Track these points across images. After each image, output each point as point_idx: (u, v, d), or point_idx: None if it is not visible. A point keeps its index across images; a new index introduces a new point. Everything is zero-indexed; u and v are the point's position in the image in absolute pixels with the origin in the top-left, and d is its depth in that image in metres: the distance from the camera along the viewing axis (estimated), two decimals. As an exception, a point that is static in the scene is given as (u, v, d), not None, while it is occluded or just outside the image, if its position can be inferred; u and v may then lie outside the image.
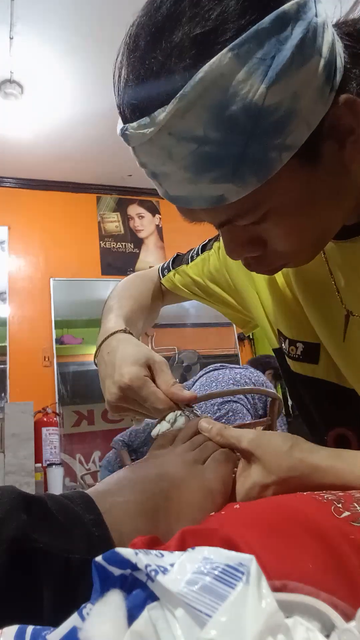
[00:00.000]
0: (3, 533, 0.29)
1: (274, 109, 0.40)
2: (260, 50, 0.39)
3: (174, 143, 0.42)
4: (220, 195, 0.44)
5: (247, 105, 0.40)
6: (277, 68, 0.39)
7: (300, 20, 0.40)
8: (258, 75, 0.39)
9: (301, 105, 0.41)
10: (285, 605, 0.20)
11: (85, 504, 0.37)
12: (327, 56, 0.42)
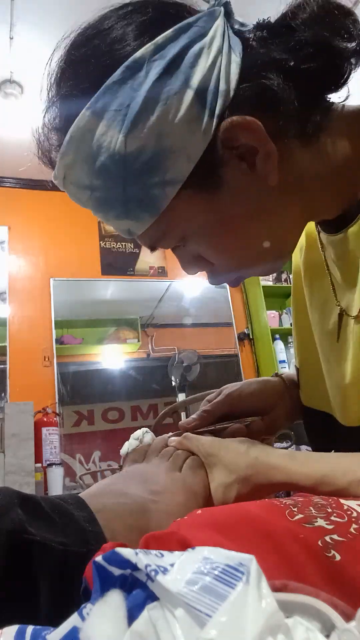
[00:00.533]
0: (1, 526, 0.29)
1: (138, 153, 0.43)
2: (116, 102, 0.42)
3: (75, 190, 0.49)
4: (127, 229, 0.49)
5: (112, 154, 0.43)
6: (131, 116, 0.41)
7: (158, 59, 0.41)
8: (116, 126, 0.42)
9: (172, 142, 0.42)
10: (285, 605, 0.20)
11: (77, 503, 0.38)
12: (199, 86, 0.42)
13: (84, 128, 0.44)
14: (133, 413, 3.54)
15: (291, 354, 3.61)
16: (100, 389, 3.60)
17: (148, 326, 3.79)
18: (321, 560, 0.28)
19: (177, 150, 0.43)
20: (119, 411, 3.50)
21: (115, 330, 3.71)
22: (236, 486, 0.48)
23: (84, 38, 0.48)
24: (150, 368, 3.73)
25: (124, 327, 3.72)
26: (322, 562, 0.28)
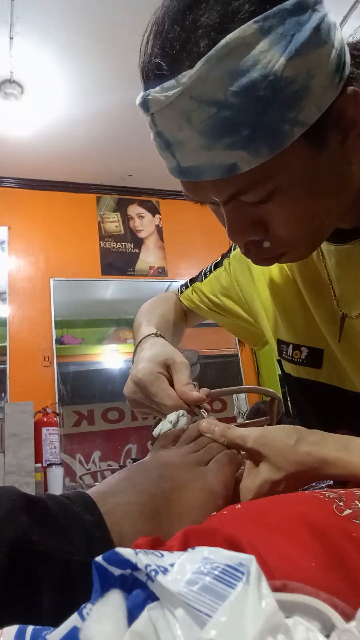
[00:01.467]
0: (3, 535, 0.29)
1: (290, 81, 0.43)
2: (282, 27, 0.42)
3: (194, 107, 0.44)
4: (232, 163, 0.46)
5: (267, 73, 0.42)
6: (296, 44, 0.43)
7: (317, 11, 0.44)
8: (279, 48, 0.42)
9: (314, 84, 0.44)
10: (285, 605, 0.20)
11: (86, 504, 0.37)
12: (338, 48, 0.45)
13: (244, 40, 0.42)
14: (133, 413, 3.53)
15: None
16: (100, 389, 3.60)
17: (148, 326, 3.79)
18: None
19: (314, 95, 0.45)
20: (119, 411, 3.50)
21: (115, 330, 3.71)
22: (284, 483, 0.45)
23: None
24: (150, 368, 3.73)
25: (124, 327, 3.72)
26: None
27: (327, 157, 0.49)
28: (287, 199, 0.50)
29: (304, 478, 0.46)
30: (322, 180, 0.50)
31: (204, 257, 3.90)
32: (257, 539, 0.28)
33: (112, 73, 2.79)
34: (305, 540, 0.28)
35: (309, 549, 0.27)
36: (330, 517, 0.31)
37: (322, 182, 0.50)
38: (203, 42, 0.43)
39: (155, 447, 0.53)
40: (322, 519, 0.31)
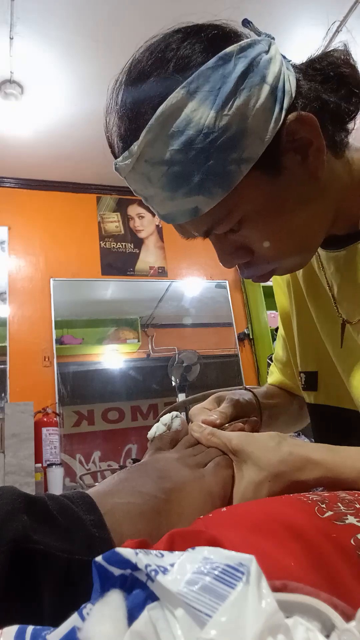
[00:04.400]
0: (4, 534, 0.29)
1: (225, 128, 0.49)
2: (207, 85, 0.49)
3: (149, 168, 0.51)
4: (194, 207, 0.52)
5: (201, 128, 0.49)
6: (222, 96, 0.48)
7: (242, 57, 0.50)
8: (207, 104, 0.48)
9: (250, 124, 0.49)
10: (285, 605, 0.20)
11: (86, 504, 0.37)
12: (272, 83, 0.50)
13: (176, 105, 0.49)
14: (133, 413, 3.54)
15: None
16: (100, 389, 3.60)
17: (148, 326, 3.79)
18: (353, 559, 0.28)
19: (254, 133, 0.50)
20: (119, 411, 3.50)
21: (115, 330, 3.71)
22: (267, 484, 0.46)
23: (167, 44, 0.54)
24: (150, 368, 3.73)
25: (124, 327, 3.72)
26: (354, 561, 0.28)
27: (287, 179, 0.54)
28: (257, 224, 0.55)
29: (287, 480, 0.46)
30: (288, 199, 0.54)
31: (204, 257, 3.90)
32: (238, 539, 0.28)
33: (112, 73, 2.78)
34: (286, 540, 0.29)
35: (289, 549, 0.28)
36: (312, 519, 0.31)
37: (288, 201, 0.55)
38: (145, 115, 0.50)
39: (150, 449, 0.53)
40: (303, 520, 0.31)
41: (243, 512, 0.35)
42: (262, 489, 0.46)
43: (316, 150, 0.53)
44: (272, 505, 0.35)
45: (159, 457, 0.50)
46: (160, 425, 0.57)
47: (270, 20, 2.54)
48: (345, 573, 0.27)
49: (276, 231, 0.56)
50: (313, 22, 2.60)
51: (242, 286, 3.99)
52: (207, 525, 0.33)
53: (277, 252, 0.58)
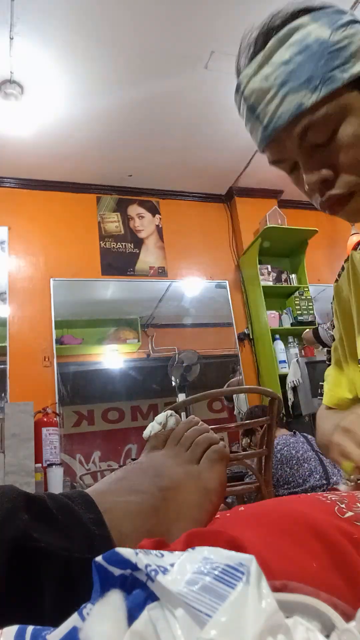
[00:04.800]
0: (4, 533, 0.29)
1: (336, 43, 0.62)
2: (326, 18, 0.64)
3: (271, 69, 0.64)
4: (299, 102, 0.62)
5: (318, 38, 0.62)
6: (337, 24, 0.63)
7: (348, 15, 0.64)
8: (326, 26, 0.63)
9: (355, 48, 0.62)
10: (285, 605, 0.20)
11: (85, 503, 0.37)
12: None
13: (302, 24, 0.63)
14: (133, 413, 3.54)
15: (291, 353, 3.61)
16: (100, 389, 3.60)
17: (148, 326, 3.79)
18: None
19: (357, 56, 0.62)
20: (119, 411, 3.50)
21: (115, 330, 3.71)
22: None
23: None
24: (150, 368, 3.73)
25: (124, 327, 3.73)
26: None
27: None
28: (348, 138, 0.62)
29: None
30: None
31: (204, 257, 3.90)
32: (259, 539, 0.28)
33: (112, 73, 2.79)
34: (307, 541, 0.29)
35: (311, 549, 0.28)
36: (332, 519, 0.31)
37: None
38: (274, 30, 0.65)
39: (146, 448, 0.54)
40: (323, 520, 0.31)
41: (262, 511, 0.34)
42: None
43: None
44: (292, 506, 0.34)
45: (155, 456, 0.50)
46: (155, 424, 0.57)
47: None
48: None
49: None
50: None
51: (242, 286, 3.99)
52: (226, 525, 0.32)
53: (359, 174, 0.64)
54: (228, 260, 4.00)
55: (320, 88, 0.61)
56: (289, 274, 3.93)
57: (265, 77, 0.64)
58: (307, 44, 0.62)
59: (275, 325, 3.70)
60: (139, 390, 3.66)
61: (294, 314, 3.77)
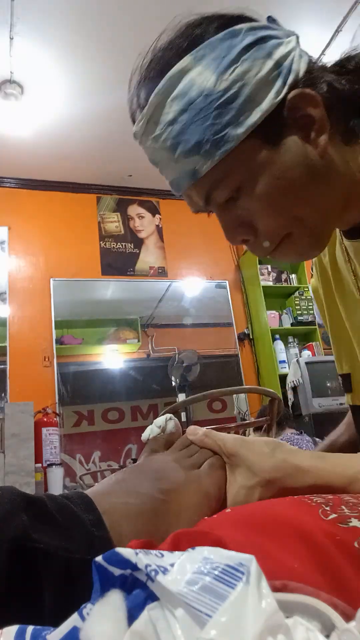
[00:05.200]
0: (4, 533, 0.29)
1: (223, 92, 0.53)
2: (214, 53, 0.53)
3: (157, 130, 0.56)
4: (193, 169, 0.55)
5: (202, 90, 0.53)
6: (225, 63, 0.53)
7: (251, 34, 0.54)
8: (211, 69, 0.53)
9: (249, 92, 0.53)
10: (285, 605, 0.20)
11: (85, 504, 0.37)
12: (278, 60, 0.54)
13: (183, 70, 0.54)
14: (133, 413, 3.54)
15: (291, 353, 3.61)
16: (100, 389, 3.60)
17: (148, 326, 3.79)
18: (358, 561, 0.28)
19: (253, 101, 0.53)
20: (119, 411, 3.50)
21: (115, 330, 3.71)
22: (259, 489, 0.46)
23: (187, 22, 0.58)
24: (150, 368, 3.73)
25: (124, 327, 3.73)
26: (359, 563, 0.28)
27: (288, 153, 0.55)
28: (256, 192, 0.56)
29: (278, 486, 0.46)
30: (287, 174, 0.55)
31: (204, 257, 3.90)
32: (243, 540, 0.28)
33: (112, 73, 2.78)
34: (290, 542, 0.29)
35: (294, 551, 0.28)
36: (316, 521, 0.32)
37: (288, 175, 0.56)
38: (156, 80, 0.55)
39: (145, 451, 0.54)
40: (307, 522, 0.31)
41: (248, 513, 0.35)
42: (253, 493, 0.46)
43: (319, 129, 0.55)
44: (277, 508, 0.35)
45: (155, 459, 0.50)
46: (154, 427, 0.57)
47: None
48: (350, 575, 0.27)
49: (273, 203, 0.56)
50: (313, 23, 2.60)
51: (242, 286, 3.99)
52: (212, 526, 0.33)
53: (275, 227, 0.58)
54: (228, 260, 4.00)
55: (212, 153, 0.53)
56: (288, 273, 3.93)
57: (155, 138, 0.57)
58: (190, 98, 0.53)
59: (275, 325, 3.70)
60: (139, 390, 3.66)
61: (294, 314, 3.77)
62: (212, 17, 0.57)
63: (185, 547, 0.23)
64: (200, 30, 0.55)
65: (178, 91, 0.54)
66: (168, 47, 0.57)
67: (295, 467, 0.46)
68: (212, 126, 0.53)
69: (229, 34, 0.54)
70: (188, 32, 0.56)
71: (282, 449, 0.48)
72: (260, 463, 0.47)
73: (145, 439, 0.56)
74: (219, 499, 0.46)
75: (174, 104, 0.54)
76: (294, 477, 0.46)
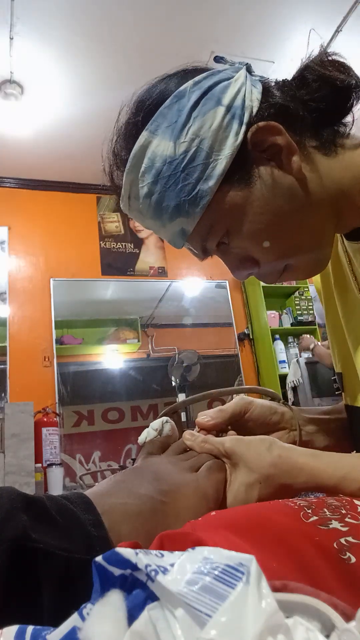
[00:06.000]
0: (3, 533, 0.29)
1: (184, 154, 0.55)
2: (166, 121, 0.55)
3: (138, 204, 0.59)
4: (180, 229, 0.58)
5: (165, 159, 0.55)
6: (178, 127, 0.55)
7: (197, 89, 0.56)
8: (167, 137, 0.55)
9: (208, 145, 0.54)
10: (285, 605, 0.20)
11: (84, 504, 0.37)
12: (228, 103, 0.55)
13: (143, 145, 0.56)
14: (133, 413, 3.54)
15: (291, 353, 3.61)
16: (100, 389, 3.60)
17: (148, 326, 3.79)
18: (336, 563, 0.28)
19: (215, 151, 0.54)
20: (119, 411, 3.50)
21: (115, 330, 3.71)
22: (258, 486, 0.47)
23: (138, 98, 0.60)
24: (150, 368, 3.73)
25: (124, 327, 3.73)
26: (337, 564, 0.28)
27: (266, 186, 0.56)
28: (244, 233, 0.58)
29: (277, 482, 0.47)
30: (272, 205, 0.57)
31: (204, 257, 3.90)
32: (222, 541, 0.29)
33: (112, 73, 2.79)
34: (269, 543, 0.30)
35: (272, 551, 0.29)
36: (296, 523, 0.32)
37: (273, 206, 0.57)
38: (124, 160, 0.58)
39: (142, 454, 0.54)
40: (287, 524, 0.32)
41: (231, 516, 0.36)
42: (253, 490, 0.47)
43: (288, 153, 0.56)
44: (259, 511, 0.36)
45: (153, 461, 0.51)
46: (150, 430, 0.57)
47: (270, 21, 2.54)
48: (327, 575, 0.27)
49: (267, 237, 0.58)
50: (313, 23, 2.60)
51: (242, 286, 3.99)
52: (195, 528, 0.33)
53: (277, 256, 0.59)
54: (228, 260, 4.00)
55: (191, 211, 0.56)
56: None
57: (139, 211, 0.60)
58: (157, 169, 0.56)
59: (275, 325, 3.70)
60: (139, 390, 3.66)
61: (294, 314, 3.78)
62: (158, 85, 0.59)
63: (169, 548, 0.23)
64: (150, 101, 0.57)
65: (145, 166, 0.56)
66: (127, 126, 0.59)
67: (291, 463, 0.48)
68: (184, 187, 0.55)
69: (176, 97, 0.56)
70: (140, 106, 0.58)
71: (277, 445, 0.50)
72: (257, 460, 0.48)
73: (142, 441, 0.57)
74: (217, 500, 0.47)
75: (145, 178, 0.57)
76: (290, 473, 0.47)
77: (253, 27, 2.58)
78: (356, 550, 0.29)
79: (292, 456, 0.48)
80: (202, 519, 0.37)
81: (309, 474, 0.47)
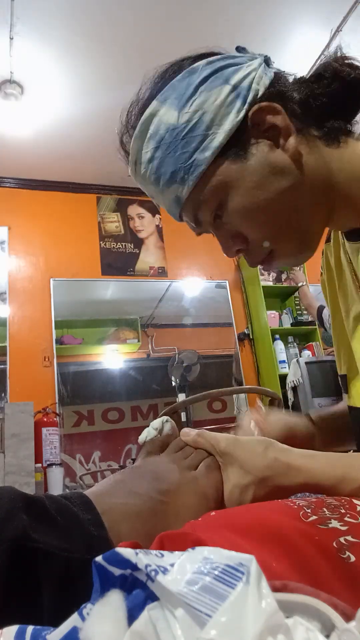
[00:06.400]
0: (3, 533, 0.29)
1: (186, 124, 0.58)
2: (176, 93, 0.59)
3: (142, 169, 0.62)
4: (175, 196, 0.61)
5: (168, 127, 0.59)
6: (185, 98, 0.58)
7: (208, 68, 0.60)
8: (173, 107, 0.59)
9: (210, 118, 0.58)
10: (285, 605, 0.20)
11: (84, 504, 0.37)
12: (235, 83, 0.58)
13: (152, 113, 0.60)
14: (133, 413, 3.54)
15: (291, 353, 3.61)
16: (100, 389, 3.60)
17: (148, 326, 3.79)
18: (336, 561, 0.28)
19: (215, 125, 0.58)
20: (119, 411, 3.50)
21: (115, 330, 3.71)
22: (252, 487, 0.46)
23: (158, 72, 0.64)
24: (150, 368, 3.73)
25: (124, 327, 3.72)
26: (337, 563, 0.28)
27: (260, 164, 0.58)
28: (235, 206, 0.60)
29: (272, 484, 0.47)
30: (264, 183, 0.58)
31: (204, 257, 3.90)
32: (222, 541, 0.29)
33: (112, 73, 2.78)
34: (268, 543, 0.30)
35: (272, 551, 0.29)
36: (295, 523, 0.32)
37: (265, 184, 0.59)
38: (132, 128, 0.62)
39: (142, 453, 0.54)
40: (287, 524, 0.32)
41: (231, 516, 0.36)
42: (247, 492, 0.47)
43: (285, 135, 0.58)
44: (259, 511, 0.36)
45: (152, 461, 0.51)
46: (150, 429, 0.57)
47: (270, 21, 2.54)
48: (326, 574, 0.27)
49: (258, 213, 0.60)
50: (313, 23, 2.60)
51: (242, 286, 3.99)
52: (195, 528, 0.33)
53: (265, 235, 0.61)
54: (228, 260, 4.00)
55: (186, 178, 0.59)
56: (289, 273, 3.93)
57: (142, 176, 0.63)
58: (160, 136, 0.59)
59: (275, 325, 3.70)
60: (139, 390, 3.66)
61: (294, 314, 3.77)
62: (176, 62, 0.63)
63: (169, 548, 0.23)
64: (166, 75, 0.62)
65: (151, 132, 0.60)
66: (142, 97, 0.63)
67: (287, 465, 0.47)
68: (181, 155, 0.59)
69: (188, 73, 0.60)
70: (156, 80, 0.62)
71: (274, 448, 0.49)
72: (252, 462, 0.48)
73: (142, 441, 0.57)
74: (217, 499, 0.47)
75: (150, 144, 0.60)
76: (286, 475, 0.47)
77: (253, 27, 2.58)
78: (356, 549, 0.30)
79: (289, 458, 0.48)
80: (201, 519, 0.37)
81: (307, 475, 0.46)
